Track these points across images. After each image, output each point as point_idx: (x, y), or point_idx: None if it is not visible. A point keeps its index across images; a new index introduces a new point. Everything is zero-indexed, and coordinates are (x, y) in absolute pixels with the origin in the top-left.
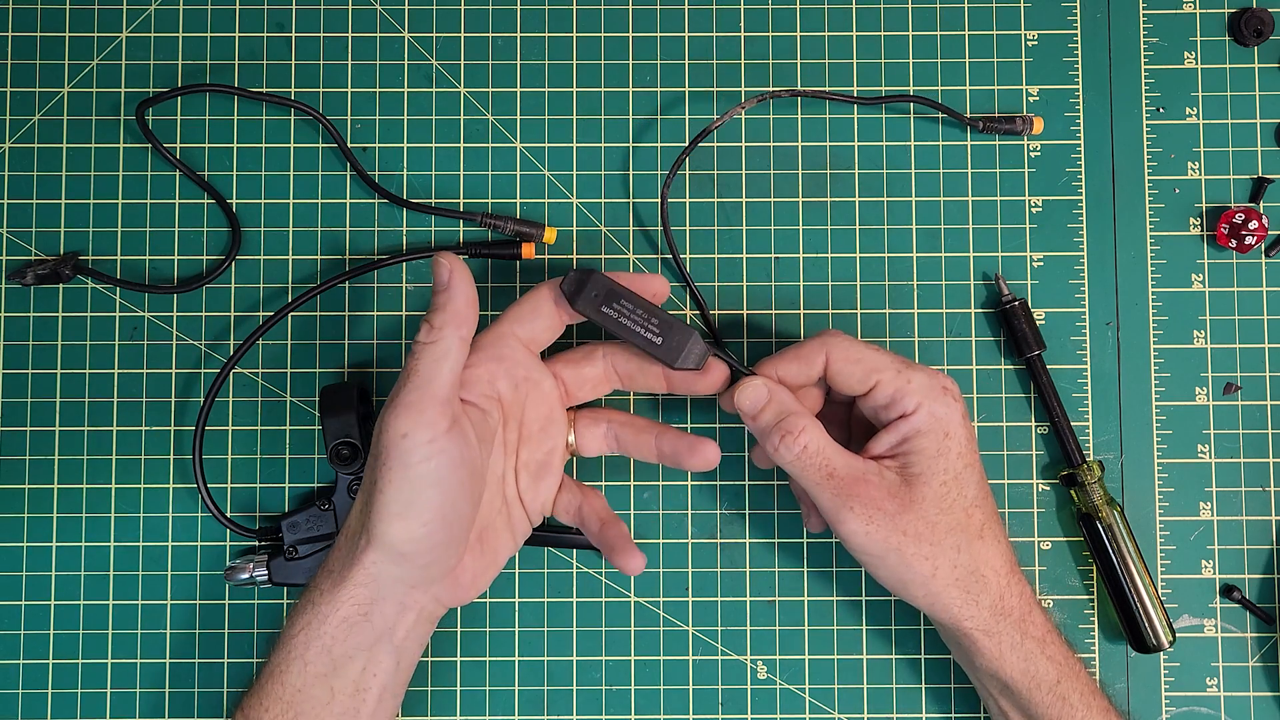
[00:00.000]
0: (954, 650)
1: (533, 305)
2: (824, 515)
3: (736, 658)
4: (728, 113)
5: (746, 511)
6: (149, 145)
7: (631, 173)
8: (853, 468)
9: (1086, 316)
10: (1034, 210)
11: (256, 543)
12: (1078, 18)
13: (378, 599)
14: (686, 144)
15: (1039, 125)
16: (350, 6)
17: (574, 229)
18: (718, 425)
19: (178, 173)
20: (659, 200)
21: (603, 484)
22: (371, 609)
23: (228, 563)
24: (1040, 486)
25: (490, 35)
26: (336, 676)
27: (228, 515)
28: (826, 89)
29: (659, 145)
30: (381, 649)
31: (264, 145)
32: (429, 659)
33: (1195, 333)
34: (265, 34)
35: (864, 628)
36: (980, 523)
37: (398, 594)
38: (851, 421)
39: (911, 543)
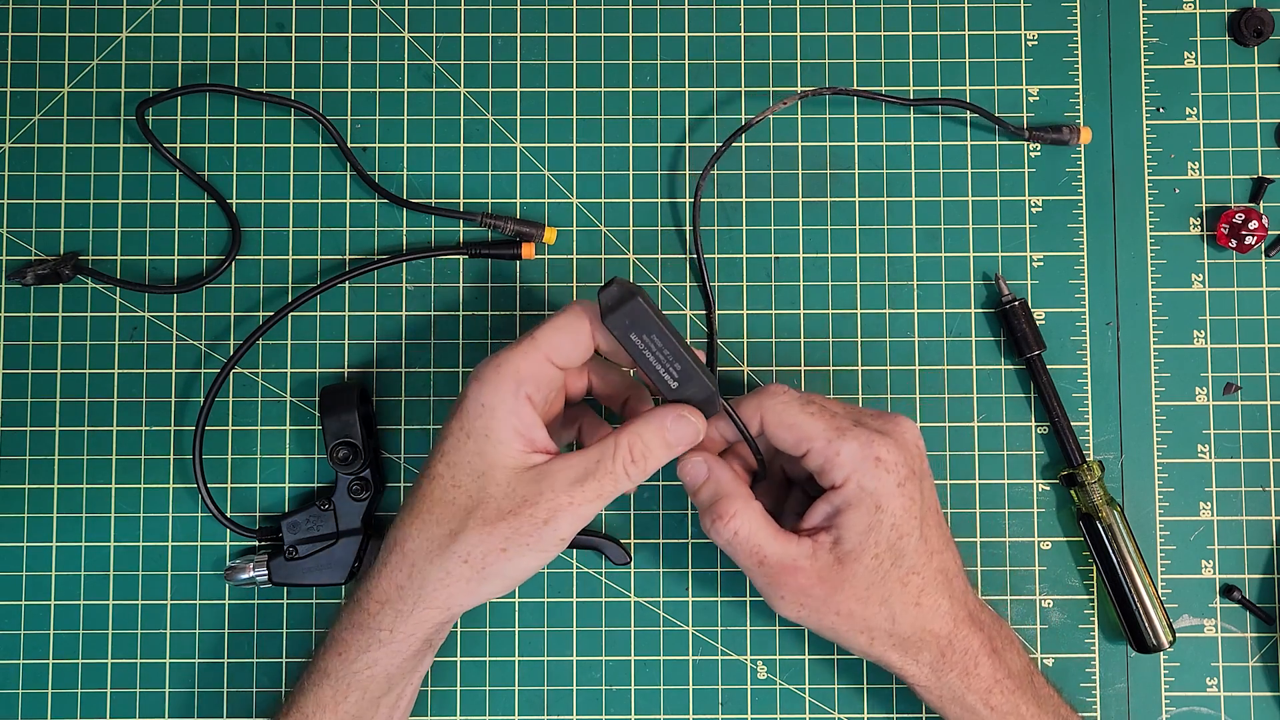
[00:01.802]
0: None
1: (573, 337)
2: (759, 591)
3: (736, 658)
4: (765, 111)
5: None
6: (149, 145)
7: (631, 173)
8: (784, 554)
9: (1086, 316)
10: (1034, 210)
11: (256, 543)
12: (1078, 18)
13: (444, 629)
14: (686, 143)
15: (1087, 135)
16: (350, 6)
17: (574, 229)
18: None
19: (178, 173)
20: (692, 200)
21: None
22: (435, 637)
23: (228, 563)
24: (1040, 486)
25: (490, 35)
26: (388, 694)
27: (228, 515)
28: (867, 89)
29: (659, 145)
30: (428, 660)
31: (264, 145)
32: None
33: (1195, 333)
34: (265, 34)
35: None
36: (918, 589)
37: (457, 616)
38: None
39: (844, 621)
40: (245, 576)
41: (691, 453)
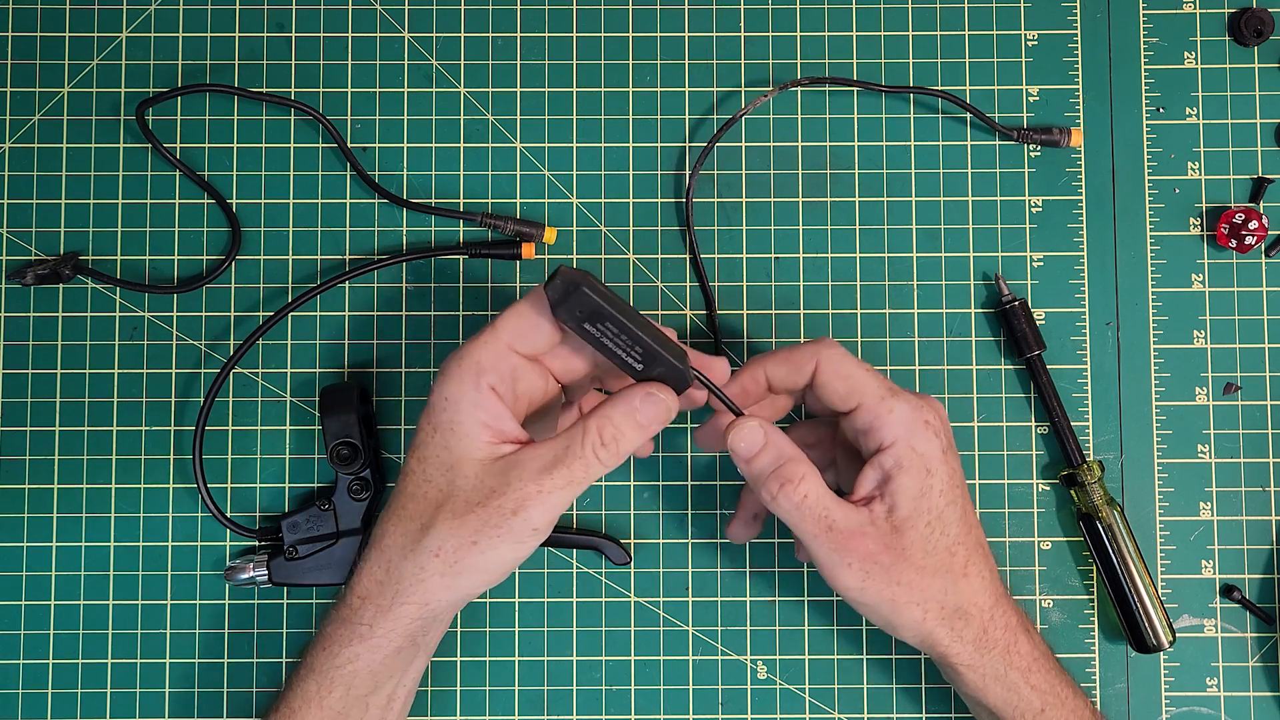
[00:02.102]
0: (942, 672)
1: (533, 322)
2: (818, 567)
3: (736, 658)
4: (753, 101)
5: None
6: (149, 145)
7: (631, 173)
8: (850, 520)
9: (1086, 316)
10: (1034, 210)
11: (256, 543)
12: (1078, 18)
13: (429, 627)
14: (687, 143)
15: (1077, 137)
16: (350, 6)
17: (574, 229)
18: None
19: (178, 173)
20: (685, 199)
21: (603, 484)
22: (420, 636)
23: (228, 563)
24: (1040, 486)
25: (490, 35)
26: (376, 693)
27: (228, 515)
28: (855, 79)
29: (659, 145)
30: (420, 660)
31: (264, 145)
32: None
33: (1195, 333)
34: (265, 34)
35: (864, 628)
36: (964, 560)
37: (445, 616)
38: (837, 445)
39: (904, 592)
40: (245, 576)
41: (743, 420)
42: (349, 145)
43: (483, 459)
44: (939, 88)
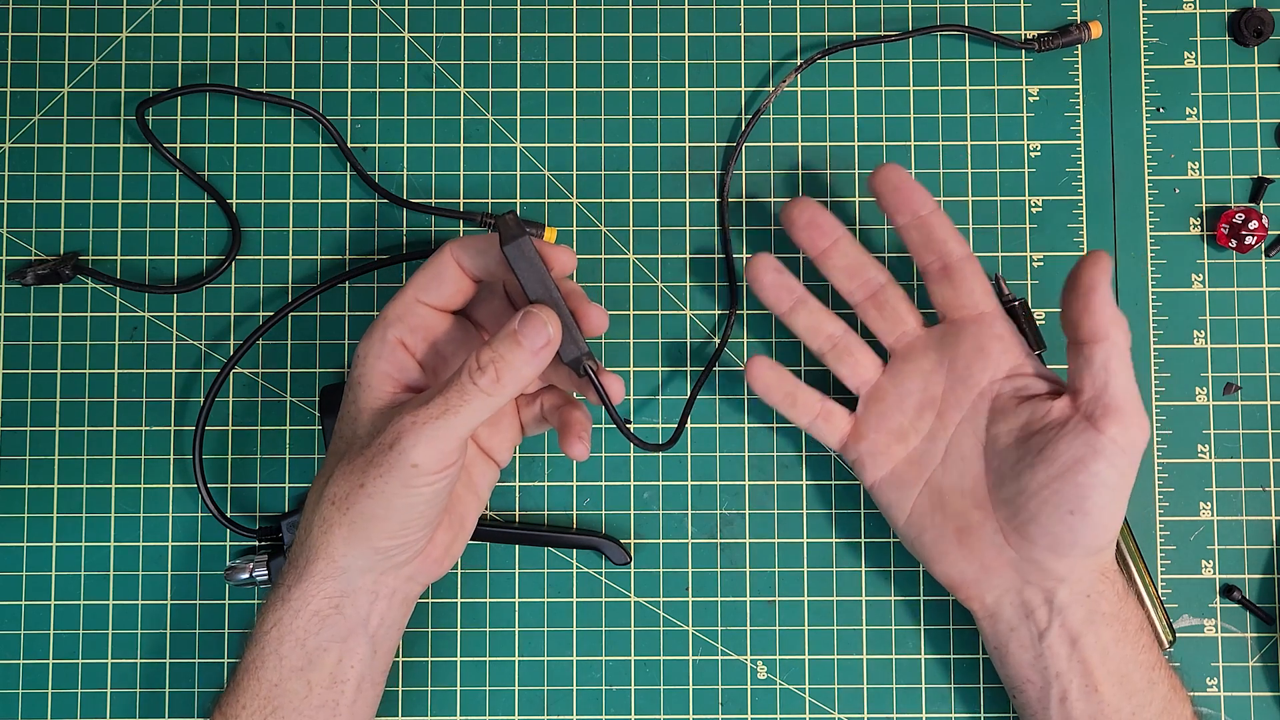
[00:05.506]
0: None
1: (435, 273)
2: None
3: (736, 658)
4: (781, 83)
5: (746, 511)
6: (149, 145)
7: (631, 173)
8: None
9: None
10: (1034, 210)
11: (256, 543)
12: (1077, 18)
13: (348, 591)
14: (687, 143)
15: (1097, 29)
16: (350, 6)
17: (574, 229)
18: (717, 425)
19: (178, 173)
20: (719, 199)
21: (602, 484)
22: (342, 601)
23: (228, 563)
24: None
25: (490, 35)
26: (312, 670)
27: (228, 515)
28: (866, 34)
29: (658, 145)
30: (356, 639)
31: (264, 145)
32: (429, 659)
33: (1195, 333)
34: (265, 34)
35: (864, 628)
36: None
37: (368, 583)
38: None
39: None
40: (245, 576)
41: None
42: (349, 145)
43: (381, 409)
44: (957, 25)
